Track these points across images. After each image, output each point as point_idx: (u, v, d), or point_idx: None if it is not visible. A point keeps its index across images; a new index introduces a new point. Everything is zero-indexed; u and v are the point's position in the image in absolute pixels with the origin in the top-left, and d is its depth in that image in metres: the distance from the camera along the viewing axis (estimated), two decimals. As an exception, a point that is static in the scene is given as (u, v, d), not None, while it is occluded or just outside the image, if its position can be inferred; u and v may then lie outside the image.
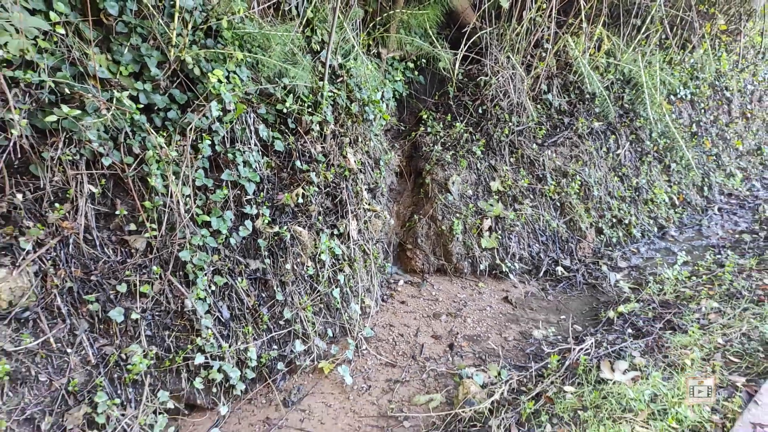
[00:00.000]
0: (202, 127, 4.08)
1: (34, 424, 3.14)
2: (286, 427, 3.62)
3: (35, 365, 3.22)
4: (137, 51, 3.86)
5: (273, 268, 4.23)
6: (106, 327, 3.53)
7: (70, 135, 3.58)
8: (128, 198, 3.82)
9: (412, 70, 6.56)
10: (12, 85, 3.30)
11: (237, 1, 4.36)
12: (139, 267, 3.70)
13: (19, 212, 3.42)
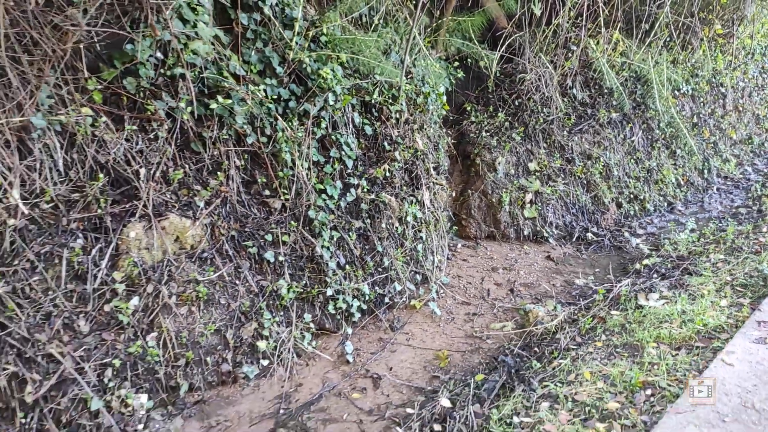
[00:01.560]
0: (313, 114, 5.04)
1: (221, 334, 4.09)
2: (397, 344, 4.58)
3: (217, 291, 4.17)
4: (262, 53, 4.82)
5: (372, 227, 5.20)
6: (260, 266, 4.49)
7: (222, 120, 4.54)
8: (264, 169, 4.78)
9: (455, 68, 7.54)
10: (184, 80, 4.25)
11: (331, 15, 5.34)
12: (278, 222, 4.66)
13: (189, 178, 4.39)
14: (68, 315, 3.59)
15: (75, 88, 3.94)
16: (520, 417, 3.29)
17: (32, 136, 3.70)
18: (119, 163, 4.03)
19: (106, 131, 4.04)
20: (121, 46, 3.95)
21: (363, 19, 5.81)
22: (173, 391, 3.78)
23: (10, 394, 3.28)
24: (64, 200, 3.80)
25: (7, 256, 3.51)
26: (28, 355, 3.36)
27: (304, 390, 3.97)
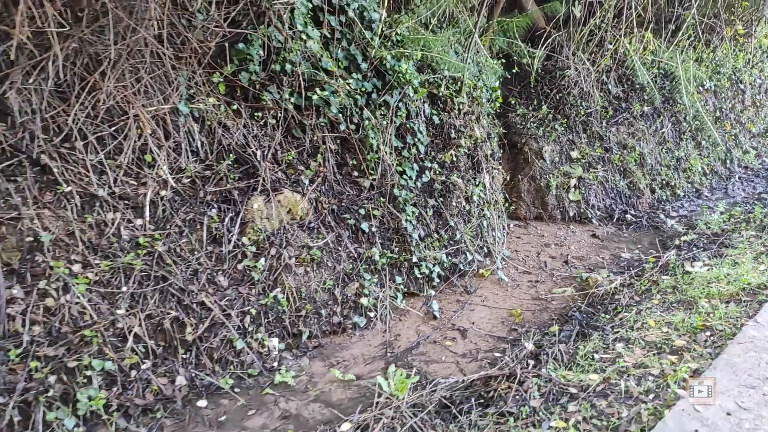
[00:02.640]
0: (392, 105, 5.63)
1: (330, 291, 4.69)
2: (473, 304, 5.17)
3: (324, 256, 4.77)
4: (347, 51, 5.42)
5: (444, 205, 5.79)
6: (357, 236, 5.08)
7: (318, 109, 5.13)
8: (353, 153, 5.37)
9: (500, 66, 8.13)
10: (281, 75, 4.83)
11: (404, 17, 5.94)
12: (368, 198, 5.25)
13: (294, 160, 4.99)
14: (210, 272, 4.20)
15: (204, 81, 4.57)
16: (600, 354, 3.87)
17: (177, 121, 4.32)
18: (240, 145, 4.64)
19: (229, 118, 4.66)
20: (235, 44, 4.53)
21: (429, 20, 6.41)
22: (297, 337, 4.38)
23: (173, 334, 3.89)
24: (200, 176, 4.41)
25: (161, 221, 4.13)
26: (185, 303, 3.97)
27: (402, 339, 4.56)
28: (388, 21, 5.78)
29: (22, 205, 3.52)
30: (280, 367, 4.05)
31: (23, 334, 3.31)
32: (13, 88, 3.53)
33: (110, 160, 3.96)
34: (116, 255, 3.78)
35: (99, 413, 3.39)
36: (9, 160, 3.57)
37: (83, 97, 3.82)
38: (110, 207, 3.88)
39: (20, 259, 3.49)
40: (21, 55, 3.51)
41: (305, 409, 3.66)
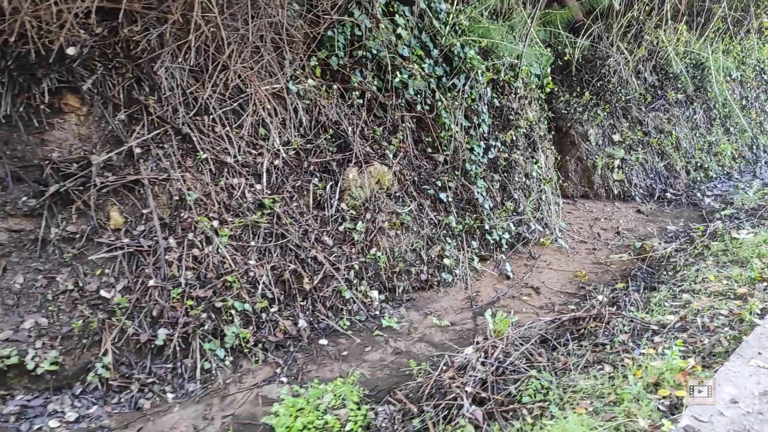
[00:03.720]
0: (459, 88, 6.08)
1: (417, 252, 5.16)
2: (540, 267, 5.62)
3: (410, 221, 5.24)
4: (419, 39, 5.87)
5: (507, 179, 6.25)
6: (435, 205, 5.54)
7: (397, 91, 5.59)
8: (427, 131, 5.83)
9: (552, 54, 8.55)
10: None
11: (468, 9, 6.38)
12: (443, 172, 5.71)
13: (378, 136, 5.45)
14: (317, 232, 4.67)
15: (304, 64, 5.04)
16: (670, 302, 4.32)
17: (286, 99, 4.80)
18: (334, 122, 5.11)
19: (324, 98, 5.13)
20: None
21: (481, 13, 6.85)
22: (392, 291, 4.85)
23: (292, 284, 4.36)
24: (303, 149, 4.88)
25: (275, 186, 4.61)
26: (302, 257, 4.44)
27: (482, 295, 5.02)
28: (452, 11, 6.22)
29: (171, 169, 4.00)
30: (383, 315, 4.51)
31: (180, 278, 3.79)
32: (162, 66, 4.01)
33: (234, 131, 4.44)
34: (245, 214, 4.26)
35: (241, 347, 3.87)
36: (157, 129, 4.05)
37: (215, 77, 4.30)
38: (236, 173, 4.36)
39: (170, 215, 3.98)
40: (170, 38, 3.99)
41: (413, 347, 4.13)
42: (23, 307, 3.39)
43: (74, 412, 3.23)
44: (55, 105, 3.70)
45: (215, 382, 3.60)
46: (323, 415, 2.97)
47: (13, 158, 3.61)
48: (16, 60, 3.48)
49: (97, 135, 3.86)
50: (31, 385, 3.30)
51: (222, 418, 3.31)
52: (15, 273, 3.48)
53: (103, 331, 3.44)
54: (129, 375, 3.45)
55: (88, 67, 3.74)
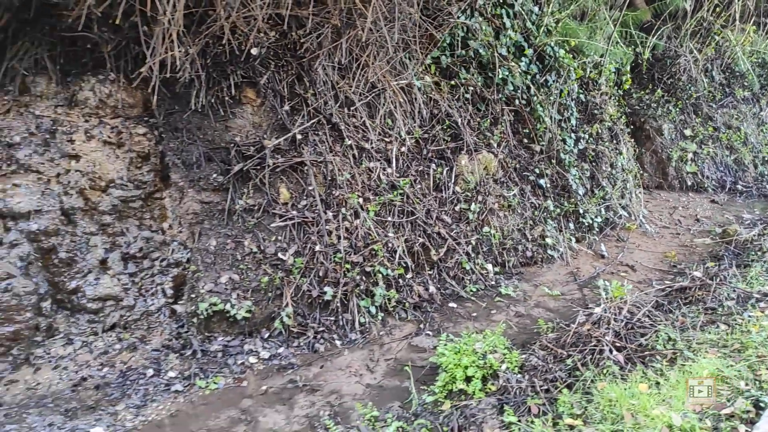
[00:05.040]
0: (550, 85, 6.52)
1: (522, 232, 5.63)
2: (630, 248, 6.03)
3: (514, 204, 5.72)
4: (513, 39, 6.33)
5: (595, 169, 6.67)
6: (535, 190, 6.02)
7: (497, 87, 6.07)
8: (524, 124, 6.30)
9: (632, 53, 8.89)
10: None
11: (556, 11, 6.81)
12: (539, 161, 6.18)
13: (483, 128, 5.93)
14: (438, 211, 5.20)
15: (422, 62, 5.56)
16: (764, 277, 4.69)
17: (411, 93, 5.33)
18: (447, 114, 5.62)
19: (437, 92, 5.65)
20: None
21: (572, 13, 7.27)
22: (503, 265, 5.34)
23: (420, 255, 4.89)
24: (422, 138, 5.41)
25: (401, 170, 5.14)
26: (428, 232, 4.97)
27: (582, 271, 5.46)
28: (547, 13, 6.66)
29: (325, 153, 4.58)
30: (498, 285, 5.01)
31: (338, 245, 4.36)
32: (320, 65, 4.60)
33: (370, 121, 5.00)
34: (382, 193, 4.81)
35: (386, 306, 4.42)
36: (312, 119, 4.63)
37: (358, 74, 4.87)
38: (373, 157, 4.92)
39: (325, 192, 4.55)
40: (326, 40, 4.57)
41: (531, 311, 4.61)
42: (218, 265, 4.00)
43: (266, 352, 3.82)
44: (237, 97, 4.31)
45: (371, 333, 4.14)
46: (483, 357, 3.48)
47: (205, 141, 4.24)
48: (212, 59, 4.10)
49: (266, 123, 4.46)
50: (228, 329, 3.90)
51: (385, 360, 3.86)
52: (209, 237, 4.10)
53: (283, 286, 4.02)
54: (304, 324, 4.03)
55: (264, 65, 4.34)
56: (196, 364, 3.57)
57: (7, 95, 3.99)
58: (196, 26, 3.77)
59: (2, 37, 3.94)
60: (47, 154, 3.85)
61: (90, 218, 3.92)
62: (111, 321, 3.83)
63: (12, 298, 3.49)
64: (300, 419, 3.17)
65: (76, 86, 4.08)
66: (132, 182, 4.09)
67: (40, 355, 3.57)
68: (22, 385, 3.34)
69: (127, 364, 3.56)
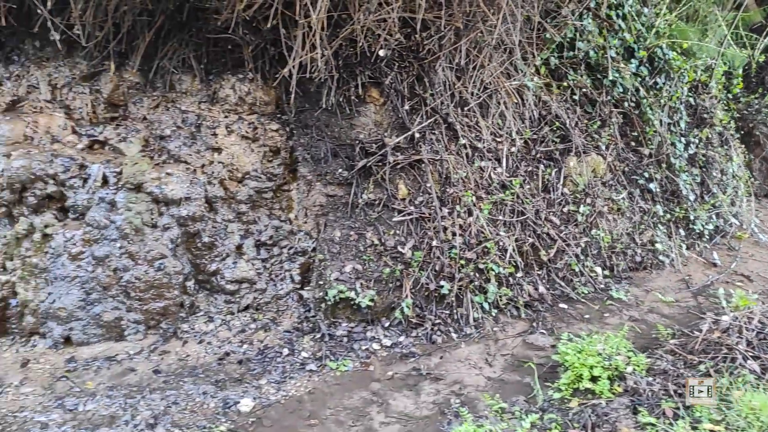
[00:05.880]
0: (660, 87, 6.31)
1: (631, 236, 5.53)
2: (744, 257, 5.78)
3: (623, 208, 5.61)
4: (623, 40, 6.17)
5: (705, 174, 6.43)
6: (644, 194, 5.88)
7: (606, 89, 5.94)
8: (632, 126, 6.15)
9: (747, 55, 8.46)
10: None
11: (666, 13, 6.59)
12: (647, 165, 6.02)
13: (590, 130, 5.83)
14: (546, 212, 5.18)
15: (531, 63, 5.56)
16: None
17: (522, 94, 5.34)
18: (555, 115, 5.59)
19: (545, 93, 5.62)
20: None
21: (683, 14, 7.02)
22: (611, 269, 5.27)
23: (530, 255, 4.90)
24: (530, 139, 5.41)
25: (511, 170, 5.16)
26: (538, 232, 4.97)
27: (694, 279, 5.29)
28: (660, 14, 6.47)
29: (441, 151, 4.69)
30: (608, 288, 4.94)
31: (452, 241, 4.46)
32: (440, 66, 4.71)
33: (483, 121, 5.06)
34: (493, 192, 4.86)
35: (498, 303, 4.47)
36: (429, 118, 4.75)
37: (473, 75, 4.94)
38: (484, 157, 4.98)
39: (440, 189, 4.66)
40: (447, 42, 4.67)
41: (646, 316, 4.53)
42: (343, 255, 4.20)
43: (388, 340, 3.98)
44: (362, 96, 4.50)
45: (485, 328, 4.22)
46: (608, 358, 3.47)
47: (332, 138, 4.45)
48: (343, 60, 4.30)
49: (387, 122, 4.63)
50: (352, 316, 4.09)
51: (501, 355, 3.92)
52: (333, 228, 4.31)
53: (402, 278, 4.17)
54: (422, 315, 4.16)
55: (389, 66, 4.50)
56: (326, 347, 3.77)
57: (156, 91, 4.35)
58: (332, 29, 3.98)
59: (155, 38, 4.29)
60: (194, 146, 4.17)
61: (228, 207, 4.22)
62: (245, 302, 4.11)
63: (163, 277, 3.82)
64: (428, 405, 3.30)
65: (217, 84, 4.39)
66: (265, 174, 4.37)
67: (185, 330, 3.88)
68: (174, 356, 3.66)
69: (264, 343, 3.82)
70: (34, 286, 3.63)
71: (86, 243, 3.65)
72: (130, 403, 3.12)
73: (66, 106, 4.20)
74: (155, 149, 4.15)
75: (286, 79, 4.06)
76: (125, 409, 3.07)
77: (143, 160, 3.90)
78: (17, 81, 4.24)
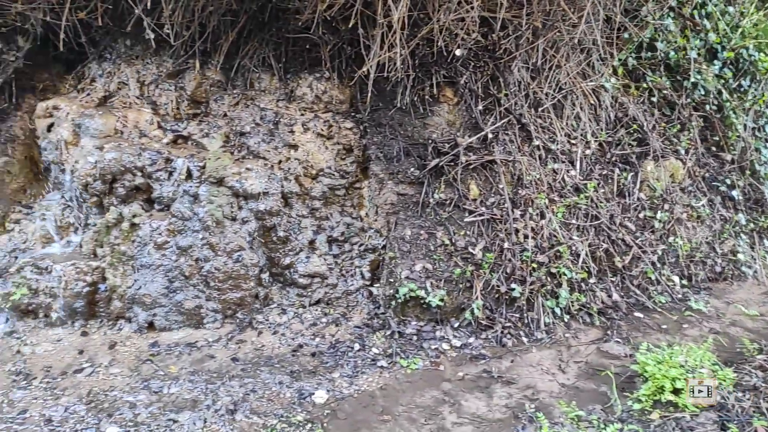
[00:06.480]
0: (745, 90, 5.99)
1: (710, 245, 5.28)
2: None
3: (702, 216, 5.36)
4: (706, 41, 5.87)
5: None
6: (725, 201, 5.60)
7: (686, 91, 5.67)
8: (713, 130, 5.87)
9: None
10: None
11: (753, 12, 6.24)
12: (729, 171, 5.73)
13: (669, 133, 5.60)
14: (621, 217, 5.01)
15: (609, 63, 5.38)
16: None
17: (599, 95, 5.19)
18: (631, 118, 5.39)
19: (622, 95, 5.43)
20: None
21: None
22: (689, 278, 5.04)
23: (603, 261, 4.75)
24: (605, 141, 5.24)
25: (584, 174, 5.02)
26: (612, 238, 4.81)
27: (781, 292, 5.00)
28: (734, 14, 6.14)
29: (515, 152, 4.62)
30: (686, 299, 4.74)
31: (524, 244, 4.38)
32: (516, 66, 4.63)
33: (558, 122, 4.95)
34: (567, 195, 4.75)
35: (570, 308, 4.36)
36: (503, 119, 4.69)
37: (549, 75, 4.85)
38: (558, 159, 4.87)
39: (512, 191, 4.59)
40: (524, 42, 4.59)
41: (728, 329, 4.30)
42: (413, 253, 4.20)
43: (457, 340, 3.96)
44: (436, 96, 4.49)
45: (556, 334, 4.12)
46: (692, 371, 3.33)
47: (405, 137, 4.47)
48: (420, 59, 4.31)
49: (460, 121, 4.61)
50: (421, 315, 4.09)
51: (575, 362, 3.82)
52: (404, 227, 4.32)
53: (473, 279, 4.14)
54: (492, 317, 4.11)
55: (465, 65, 4.48)
56: (396, 344, 3.79)
57: (236, 89, 4.50)
58: (410, 29, 4.00)
59: (238, 37, 4.43)
60: (272, 142, 4.29)
61: (302, 202, 4.31)
62: (316, 296, 4.19)
63: (241, 268, 3.94)
64: (501, 408, 3.25)
65: (295, 83, 4.50)
66: (338, 172, 4.43)
67: (260, 320, 3.99)
68: (250, 345, 3.77)
69: (335, 337, 3.88)
70: (122, 273, 3.82)
71: (171, 233, 3.82)
72: (211, 389, 3.23)
73: (153, 102, 4.39)
74: (235, 145, 4.29)
75: (361, 78, 4.12)
76: (206, 394, 3.18)
77: (225, 155, 4.03)
78: (109, 77, 4.47)
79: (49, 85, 4.49)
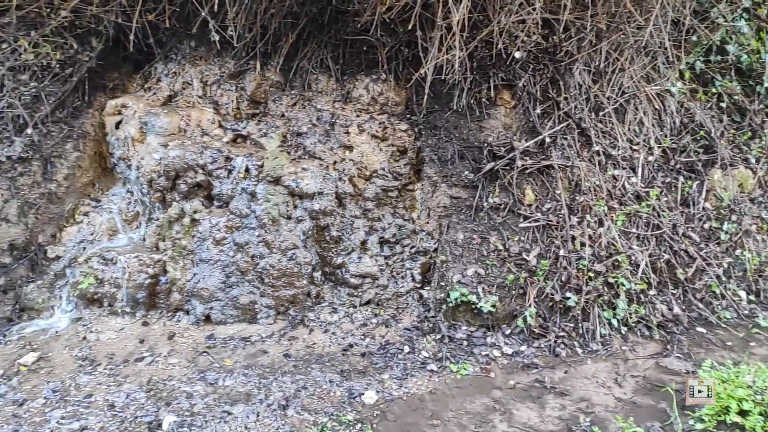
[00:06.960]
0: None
1: None
2: None
3: None
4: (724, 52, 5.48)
5: None
6: (798, 214, 5.28)
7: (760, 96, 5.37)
8: None
9: None
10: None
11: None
12: (804, 181, 5.39)
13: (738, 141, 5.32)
14: (683, 227, 4.79)
15: (674, 67, 5.16)
16: None
17: (664, 100, 4.99)
18: (698, 124, 5.15)
19: (688, 100, 5.20)
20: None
21: None
22: (757, 294, 4.78)
23: (664, 272, 4.56)
24: (669, 148, 5.03)
25: (646, 181, 4.83)
26: (674, 249, 4.61)
27: None
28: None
29: (574, 158, 4.50)
30: (754, 315, 4.49)
31: (581, 252, 4.26)
32: (578, 69, 4.52)
33: (620, 127, 4.79)
34: (627, 203, 4.59)
35: (627, 320, 4.20)
36: (562, 123, 4.57)
37: (612, 79, 4.70)
38: (618, 165, 4.71)
39: (569, 197, 4.47)
40: (587, 44, 4.46)
41: (800, 351, 4.05)
42: (465, 258, 4.16)
43: (509, 348, 3.89)
44: (493, 99, 4.43)
45: (612, 346, 3.99)
46: (762, 392, 3.15)
47: (460, 140, 4.43)
48: (478, 62, 4.26)
49: (516, 125, 4.53)
50: (471, 320, 4.04)
51: (632, 376, 3.68)
52: (456, 231, 4.28)
53: (526, 286, 4.06)
54: (545, 326, 4.02)
55: (523, 68, 4.40)
56: (446, 349, 3.77)
57: (294, 90, 4.57)
58: (469, 31, 3.96)
59: (297, 39, 4.51)
60: (328, 143, 4.34)
61: (356, 203, 4.35)
62: (367, 297, 4.21)
63: (294, 266, 4.00)
64: (554, 420, 3.18)
65: (351, 84, 4.53)
66: (391, 173, 4.44)
67: (311, 318, 4.05)
68: (302, 342, 3.82)
69: (385, 338, 3.89)
70: (182, 266, 3.96)
71: (229, 230, 3.92)
72: (264, 383, 3.30)
73: (214, 101, 4.53)
74: (292, 145, 4.37)
75: (418, 80, 4.11)
76: (259, 389, 3.25)
77: (282, 155, 4.11)
78: (173, 78, 4.64)
79: (118, 84, 4.70)
